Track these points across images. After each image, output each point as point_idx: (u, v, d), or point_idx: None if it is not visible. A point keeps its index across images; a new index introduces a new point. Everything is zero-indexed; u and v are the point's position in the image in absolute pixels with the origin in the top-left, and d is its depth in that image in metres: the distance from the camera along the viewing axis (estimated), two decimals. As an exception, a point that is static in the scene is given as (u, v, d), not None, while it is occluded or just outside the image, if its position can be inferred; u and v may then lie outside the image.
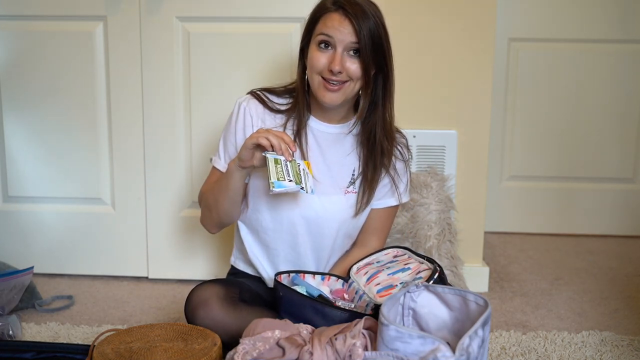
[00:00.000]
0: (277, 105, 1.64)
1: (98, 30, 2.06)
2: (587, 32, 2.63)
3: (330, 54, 1.51)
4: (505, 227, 2.78)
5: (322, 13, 1.52)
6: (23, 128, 2.13)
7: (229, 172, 1.55)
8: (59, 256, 2.19)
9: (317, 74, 1.53)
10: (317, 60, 1.52)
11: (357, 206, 1.63)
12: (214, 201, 1.61)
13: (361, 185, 1.64)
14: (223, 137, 1.66)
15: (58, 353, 1.51)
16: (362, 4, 1.50)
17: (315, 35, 1.53)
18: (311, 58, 1.53)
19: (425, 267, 1.50)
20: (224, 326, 1.45)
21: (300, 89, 1.60)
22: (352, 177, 1.64)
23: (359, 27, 1.48)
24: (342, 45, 1.50)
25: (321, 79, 1.53)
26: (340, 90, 1.53)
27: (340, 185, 1.63)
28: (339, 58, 1.50)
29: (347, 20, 1.48)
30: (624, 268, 2.37)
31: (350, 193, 1.63)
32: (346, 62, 1.51)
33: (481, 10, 2.02)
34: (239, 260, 1.74)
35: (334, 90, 1.52)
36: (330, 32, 1.49)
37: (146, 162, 2.11)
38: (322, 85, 1.53)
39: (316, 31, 1.53)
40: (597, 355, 1.64)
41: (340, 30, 1.49)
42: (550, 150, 2.72)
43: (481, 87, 2.06)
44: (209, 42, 2.03)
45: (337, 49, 1.50)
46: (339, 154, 1.64)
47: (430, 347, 1.15)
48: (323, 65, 1.51)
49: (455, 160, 2.09)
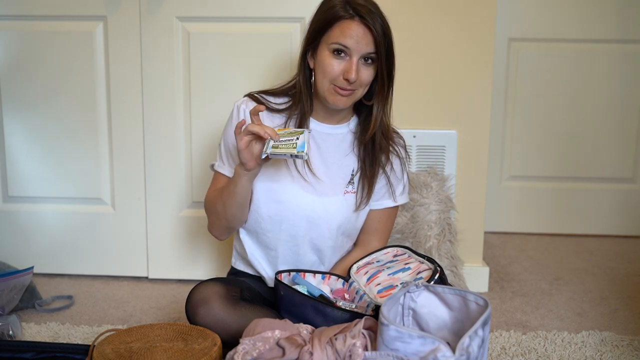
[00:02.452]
0: (275, 105, 1.63)
1: (98, 30, 2.06)
2: (587, 32, 2.63)
3: (346, 63, 1.50)
4: (505, 227, 2.78)
5: (336, 19, 1.49)
6: (23, 128, 2.14)
7: (235, 177, 1.53)
8: (59, 256, 2.19)
9: (329, 80, 1.52)
10: (331, 68, 1.50)
11: (357, 203, 1.63)
12: (222, 207, 1.59)
13: (360, 182, 1.64)
14: (223, 141, 1.65)
15: (58, 353, 1.51)
16: (375, 10, 1.49)
17: (328, 41, 1.50)
18: (324, 65, 1.51)
19: (426, 267, 1.50)
20: (225, 324, 1.45)
21: (305, 92, 1.59)
22: (351, 177, 1.64)
23: (377, 37, 1.48)
24: (358, 55, 1.49)
25: (332, 85, 1.52)
26: (351, 95, 1.54)
27: (339, 186, 1.63)
28: (355, 67, 1.49)
29: (367, 30, 1.47)
30: (624, 268, 2.37)
31: (350, 193, 1.63)
32: (360, 70, 1.51)
33: (481, 10, 2.02)
34: (239, 261, 1.75)
35: (344, 94, 1.53)
36: (348, 43, 1.48)
37: (146, 162, 2.11)
38: (333, 90, 1.53)
39: (330, 38, 1.50)
40: (597, 355, 1.64)
41: (358, 41, 1.48)
42: (550, 151, 2.72)
43: (481, 87, 2.06)
44: (209, 42, 2.03)
45: (353, 58, 1.49)
46: (338, 154, 1.65)
47: (430, 347, 1.15)
48: (338, 73, 1.50)
49: (455, 160, 2.09)
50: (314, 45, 1.54)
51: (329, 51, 1.50)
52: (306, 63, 1.58)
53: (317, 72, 1.54)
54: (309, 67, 1.57)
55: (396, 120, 1.69)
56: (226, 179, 1.64)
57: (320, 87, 1.54)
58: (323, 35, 1.52)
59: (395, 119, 1.68)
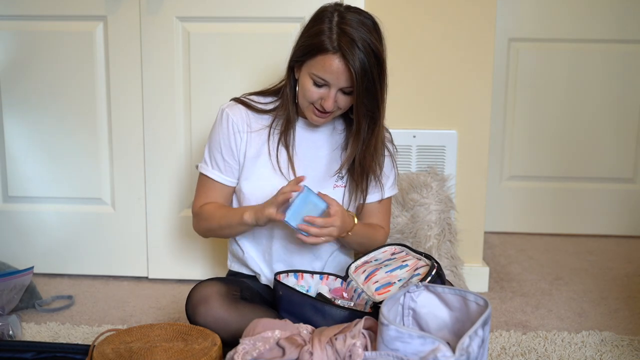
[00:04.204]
0: (262, 105, 1.66)
1: (98, 30, 2.06)
2: (586, 32, 2.63)
3: (325, 91, 1.52)
4: (505, 227, 2.78)
5: (320, 51, 1.49)
6: (23, 128, 2.14)
7: (244, 223, 1.56)
8: (59, 256, 2.19)
9: (307, 101, 1.55)
10: (310, 94, 1.53)
11: (348, 200, 1.65)
12: (217, 228, 1.65)
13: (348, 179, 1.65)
14: (209, 144, 1.67)
15: (58, 353, 1.51)
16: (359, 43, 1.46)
17: (309, 69, 1.52)
18: (304, 89, 1.54)
19: (423, 263, 1.51)
20: (225, 324, 1.45)
21: (291, 99, 1.61)
22: (340, 172, 1.65)
23: (355, 74, 1.47)
24: (336, 88, 1.52)
25: (311, 105, 1.56)
26: (329, 116, 1.58)
27: (329, 180, 1.65)
28: (332, 99, 1.52)
29: (346, 68, 1.48)
30: (624, 268, 2.37)
31: (339, 187, 1.65)
32: (338, 98, 1.54)
33: (481, 10, 2.02)
34: (234, 262, 1.77)
35: (322, 117, 1.57)
36: (327, 77, 1.50)
37: (146, 162, 2.11)
38: (311, 110, 1.56)
39: (311, 66, 1.51)
40: (597, 355, 1.64)
41: (337, 77, 1.49)
42: (550, 150, 2.72)
43: (481, 87, 2.06)
44: (209, 42, 2.03)
45: (331, 90, 1.52)
46: (326, 148, 1.67)
47: (430, 347, 1.15)
48: (316, 98, 1.54)
49: (455, 160, 2.09)
50: (299, 63, 1.56)
51: (309, 79, 1.52)
52: (293, 72, 1.59)
53: (299, 88, 1.57)
54: (295, 77, 1.59)
55: (396, 120, 1.69)
56: (215, 188, 1.66)
57: (301, 102, 1.58)
58: (306, 60, 1.53)
59: (396, 119, 1.68)
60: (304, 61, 1.53)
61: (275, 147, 1.63)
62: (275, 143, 1.63)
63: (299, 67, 1.56)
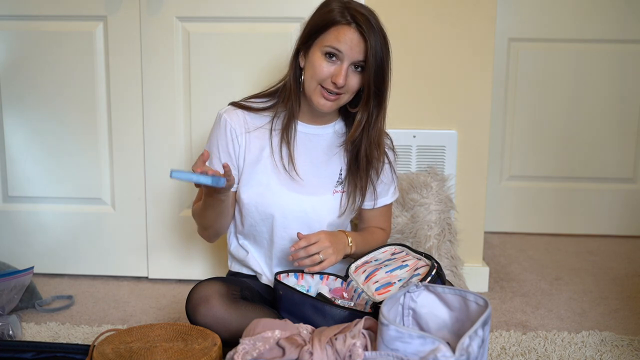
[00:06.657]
0: (260, 104, 1.66)
1: (98, 30, 2.06)
2: (586, 32, 2.63)
3: (337, 67, 1.51)
4: (505, 227, 2.78)
5: (332, 23, 1.50)
6: (23, 128, 2.13)
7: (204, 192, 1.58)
8: (59, 256, 2.19)
9: (317, 81, 1.53)
10: (321, 69, 1.52)
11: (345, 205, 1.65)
12: (208, 222, 1.67)
13: (349, 187, 1.66)
14: (208, 148, 1.67)
15: (58, 353, 1.51)
16: (372, 20, 1.50)
17: (322, 43, 1.52)
18: (315, 65, 1.52)
19: (423, 263, 1.51)
20: (225, 323, 1.45)
21: (295, 90, 1.60)
22: (339, 177, 1.65)
23: (369, 47, 1.49)
24: (349, 61, 1.51)
25: (319, 86, 1.54)
26: (336, 100, 1.55)
27: (328, 185, 1.65)
28: (345, 73, 1.51)
29: (361, 38, 1.49)
30: (624, 268, 2.37)
31: (339, 192, 1.65)
32: (349, 76, 1.52)
33: (481, 10, 2.02)
34: (234, 263, 1.77)
35: (330, 99, 1.54)
36: (341, 48, 1.49)
37: (146, 162, 2.11)
38: (319, 92, 1.54)
39: (324, 40, 1.51)
40: (597, 355, 1.64)
41: (352, 47, 1.49)
42: (550, 150, 2.72)
43: (481, 87, 2.06)
44: (209, 42, 2.04)
45: (344, 63, 1.51)
46: (325, 153, 1.67)
47: (430, 347, 1.15)
48: (327, 75, 1.52)
49: (455, 160, 2.09)
50: (307, 46, 1.56)
51: (321, 53, 1.52)
52: (297, 62, 1.59)
53: (306, 72, 1.56)
54: (300, 67, 1.59)
55: (397, 120, 1.69)
56: None
57: (307, 87, 1.56)
58: (318, 37, 1.53)
59: (396, 119, 1.68)
60: (313, 42, 1.53)
61: (278, 143, 1.63)
62: (277, 140, 1.63)
63: (306, 51, 1.55)
